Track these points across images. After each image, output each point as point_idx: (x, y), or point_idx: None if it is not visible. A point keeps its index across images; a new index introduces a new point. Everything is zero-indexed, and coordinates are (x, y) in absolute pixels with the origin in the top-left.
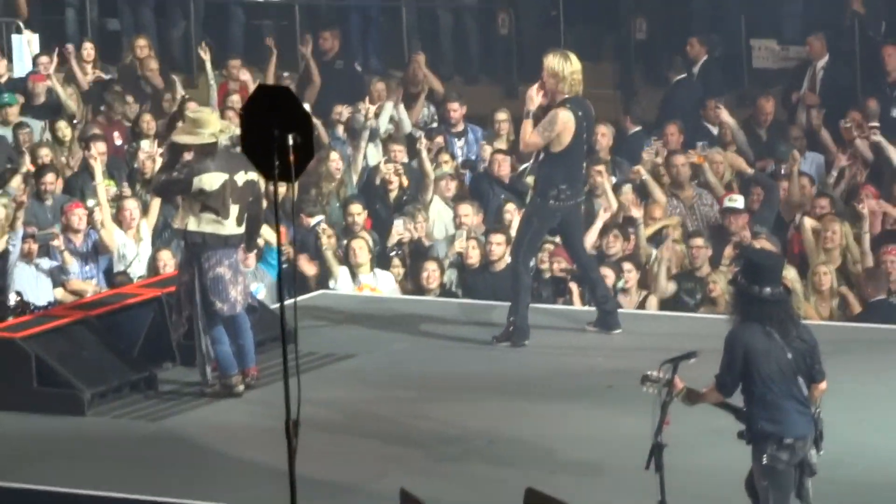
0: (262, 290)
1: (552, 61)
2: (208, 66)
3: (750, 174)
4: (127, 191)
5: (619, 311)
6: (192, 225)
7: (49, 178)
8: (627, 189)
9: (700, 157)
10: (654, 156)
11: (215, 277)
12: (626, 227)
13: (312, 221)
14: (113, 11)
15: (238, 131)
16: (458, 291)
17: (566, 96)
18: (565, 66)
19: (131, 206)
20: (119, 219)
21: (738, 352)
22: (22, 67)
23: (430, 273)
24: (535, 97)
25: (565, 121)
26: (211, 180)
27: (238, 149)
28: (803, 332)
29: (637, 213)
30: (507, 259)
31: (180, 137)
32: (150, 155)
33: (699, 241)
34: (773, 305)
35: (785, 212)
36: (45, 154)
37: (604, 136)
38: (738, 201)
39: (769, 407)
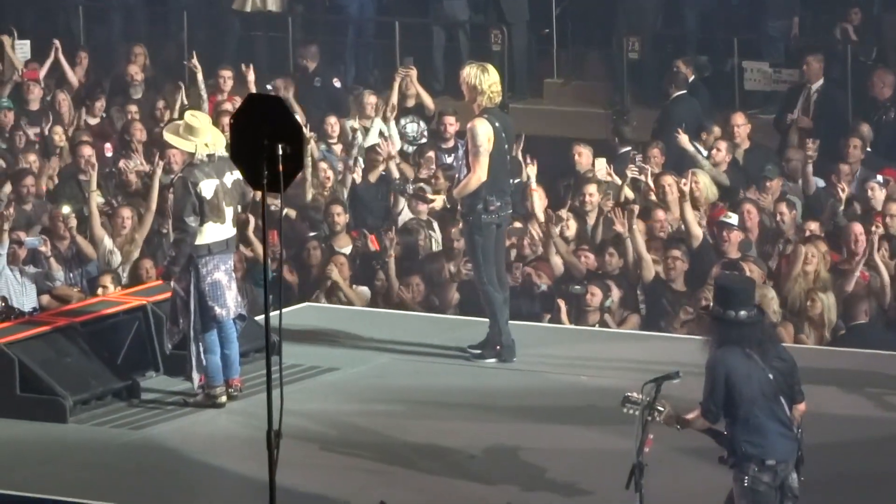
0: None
1: (470, 74)
2: (200, 78)
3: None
4: (114, 202)
5: (605, 329)
6: (198, 240)
7: (28, 180)
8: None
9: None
10: (638, 174)
11: (213, 283)
12: (616, 244)
13: (310, 234)
14: (105, 20)
15: (223, 151)
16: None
17: (484, 107)
18: (483, 79)
19: (125, 214)
20: (112, 225)
21: (721, 376)
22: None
23: (415, 287)
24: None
25: (484, 132)
26: (207, 187)
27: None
28: (781, 352)
29: (622, 229)
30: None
31: (169, 137)
32: (133, 169)
33: (677, 253)
34: (749, 328)
35: (769, 236)
36: (33, 160)
37: (580, 154)
38: (732, 218)
39: (752, 429)
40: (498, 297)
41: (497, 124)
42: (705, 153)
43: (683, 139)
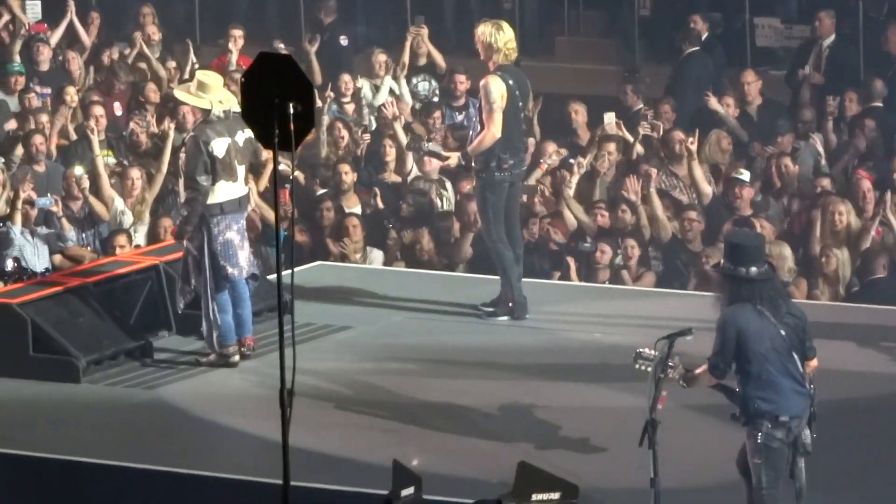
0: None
1: (485, 32)
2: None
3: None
4: (125, 162)
5: (618, 286)
6: (210, 199)
7: (37, 139)
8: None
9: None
10: (651, 131)
11: (225, 242)
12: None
13: (319, 192)
14: None
15: (236, 106)
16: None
17: (499, 65)
18: (499, 37)
19: (134, 175)
20: (121, 186)
21: (731, 334)
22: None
23: (424, 245)
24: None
25: (497, 89)
26: (218, 146)
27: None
28: (793, 308)
29: (634, 197)
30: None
31: (181, 94)
32: (144, 129)
33: (693, 215)
34: (761, 284)
35: (778, 192)
36: (46, 120)
37: (577, 112)
38: (745, 174)
39: (765, 386)
40: (508, 253)
41: (511, 81)
42: (722, 111)
43: (713, 101)
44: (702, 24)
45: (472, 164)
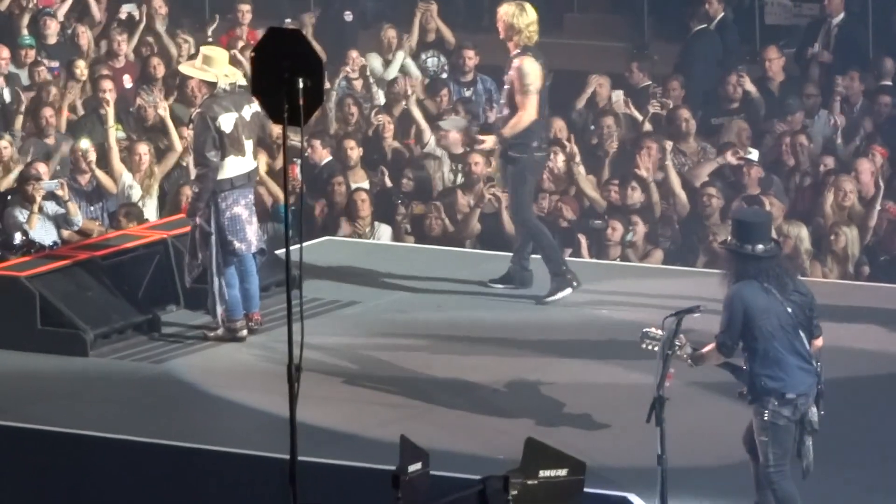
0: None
1: (508, 13)
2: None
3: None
4: (133, 136)
5: (627, 263)
6: (220, 174)
7: (47, 112)
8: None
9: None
10: (660, 109)
11: (233, 217)
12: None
13: (325, 159)
14: None
15: (242, 80)
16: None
17: (523, 46)
18: (521, 19)
19: (142, 150)
20: (130, 161)
21: (739, 311)
22: None
23: (433, 220)
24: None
25: (534, 71)
26: (226, 121)
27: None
28: (800, 286)
29: (645, 173)
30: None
31: (186, 69)
32: (151, 104)
33: (712, 190)
34: (767, 261)
35: (791, 170)
36: (54, 93)
37: (601, 86)
38: (753, 153)
39: (771, 363)
40: (545, 229)
41: (541, 61)
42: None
43: (748, 82)
44: (717, 5)
45: (499, 144)
